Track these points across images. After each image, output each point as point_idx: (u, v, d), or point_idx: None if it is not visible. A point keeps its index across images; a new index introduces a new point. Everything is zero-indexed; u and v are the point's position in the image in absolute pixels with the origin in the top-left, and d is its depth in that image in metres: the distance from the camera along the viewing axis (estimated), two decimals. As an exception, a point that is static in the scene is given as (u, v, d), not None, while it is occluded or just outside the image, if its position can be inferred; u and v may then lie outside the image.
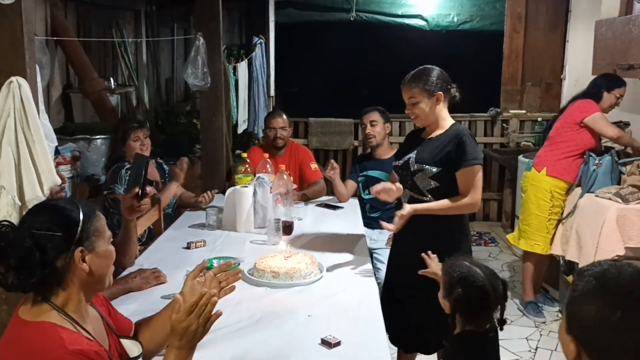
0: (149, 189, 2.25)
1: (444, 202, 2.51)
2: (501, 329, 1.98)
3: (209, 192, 3.53)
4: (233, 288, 1.68)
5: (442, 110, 2.59)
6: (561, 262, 3.85)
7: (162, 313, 1.68)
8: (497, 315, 1.96)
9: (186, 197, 3.64)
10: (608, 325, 1.12)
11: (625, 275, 1.18)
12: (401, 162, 2.63)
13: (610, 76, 3.83)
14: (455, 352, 1.95)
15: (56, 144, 2.09)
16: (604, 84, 3.81)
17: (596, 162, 3.66)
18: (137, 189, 2.19)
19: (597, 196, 3.52)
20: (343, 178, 3.93)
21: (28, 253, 1.32)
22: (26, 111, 1.81)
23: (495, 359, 1.99)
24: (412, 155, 2.58)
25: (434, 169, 2.51)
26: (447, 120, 2.61)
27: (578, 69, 5.28)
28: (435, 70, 2.57)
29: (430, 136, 2.61)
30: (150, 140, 3.50)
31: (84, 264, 1.39)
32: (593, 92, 3.82)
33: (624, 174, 3.63)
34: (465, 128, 2.66)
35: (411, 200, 2.58)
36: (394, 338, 2.75)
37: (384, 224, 2.56)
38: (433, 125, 2.61)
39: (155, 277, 2.35)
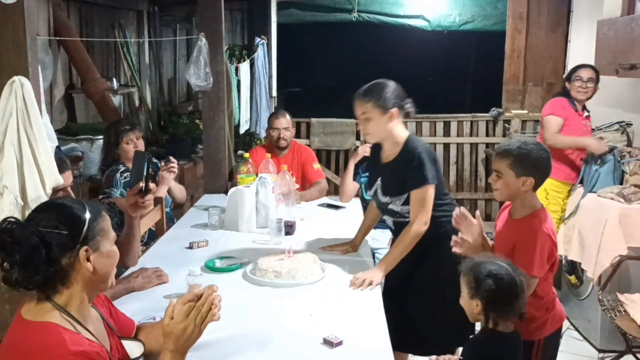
0: (152, 185, 2.26)
1: (399, 247, 2.44)
2: (521, 320, 1.99)
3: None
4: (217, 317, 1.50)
5: (396, 127, 2.48)
6: (563, 262, 3.85)
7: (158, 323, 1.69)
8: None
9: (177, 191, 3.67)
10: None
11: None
12: (372, 192, 2.63)
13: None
14: (487, 349, 1.96)
15: (56, 144, 2.09)
16: (564, 79, 4.13)
17: (598, 162, 3.66)
18: (140, 185, 2.20)
19: (599, 196, 3.52)
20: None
21: (34, 250, 1.32)
22: (28, 111, 1.81)
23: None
24: (378, 186, 2.58)
25: (403, 197, 2.49)
26: (401, 137, 2.50)
27: (580, 68, 5.27)
28: (390, 85, 2.47)
29: (388, 160, 2.54)
30: (143, 141, 3.51)
31: (89, 263, 1.39)
32: (562, 90, 4.11)
33: (626, 173, 3.62)
34: (420, 143, 2.49)
35: (396, 224, 2.60)
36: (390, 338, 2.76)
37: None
38: (388, 144, 2.54)
39: (157, 277, 2.35)
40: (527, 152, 2.15)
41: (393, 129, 2.47)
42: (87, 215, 1.41)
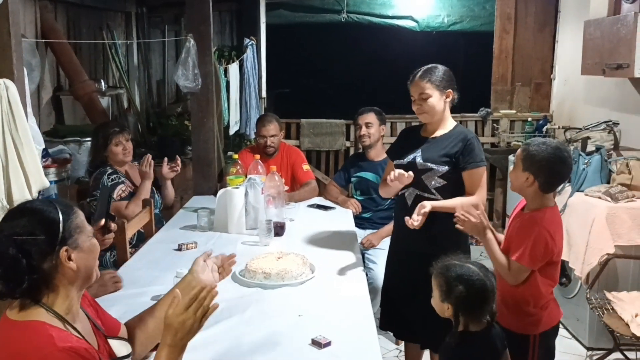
0: (112, 225, 2.26)
1: (459, 200, 2.52)
2: (492, 321, 2.00)
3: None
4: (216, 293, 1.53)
5: (447, 110, 2.64)
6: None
7: (155, 310, 1.68)
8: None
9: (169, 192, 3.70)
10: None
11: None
12: (405, 161, 2.64)
13: None
14: (457, 353, 1.96)
15: (43, 146, 2.08)
16: None
17: (586, 161, 3.68)
18: (101, 223, 2.19)
19: (586, 195, 3.54)
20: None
21: (14, 261, 1.30)
22: (14, 114, 1.80)
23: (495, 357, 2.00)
24: (418, 154, 2.61)
25: (443, 168, 2.55)
26: (450, 120, 2.67)
27: (567, 68, 5.31)
28: (445, 68, 2.62)
29: (434, 135, 2.64)
30: (132, 143, 3.50)
31: (71, 262, 1.38)
32: None
33: (613, 172, 3.65)
34: (470, 130, 2.72)
35: (417, 198, 2.59)
36: (400, 335, 2.79)
37: (407, 219, 2.49)
38: (435, 124, 2.64)
39: (113, 283, 2.29)
40: (537, 151, 2.21)
41: (445, 111, 2.63)
42: (60, 215, 1.38)
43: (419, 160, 2.59)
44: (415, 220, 2.46)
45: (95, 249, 1.47)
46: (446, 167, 2.56)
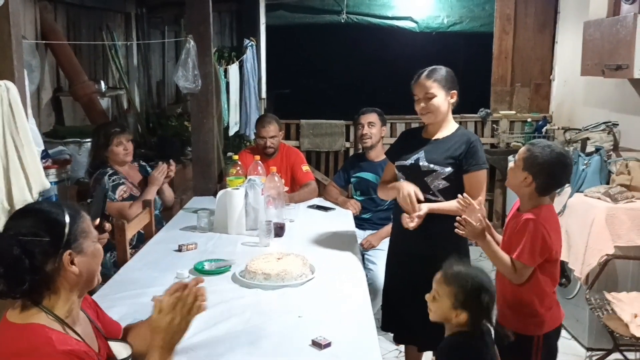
0: (107, 225, 2.26)
1: (450, 204, 2.53)
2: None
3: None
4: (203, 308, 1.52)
5: (449, 111, 2.65)
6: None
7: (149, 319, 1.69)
8: None
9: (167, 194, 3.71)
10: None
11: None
12: (408, 162, 2.64)
13: None
14: (456, 353, 1.96)
15: (42, 147, 2.08)
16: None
17: (585, 162, 3.69)
18: (96, 223, 2.19)
19: (586, 195, 3.55)
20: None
21: (17, 260, 1.30)
22: (14, 115, 1.80)
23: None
24: (421, 155, 2.61)
25: (447, 170, 2.55)
26: (452, 122, 2.67)
27: (567, 69, 5.31)
28: (448, 70, 2.63)
29: (436, 137, 2.64)
30: (132, 144, 3.50)
31: (73, 266, 1.38)
32: None
33: (612, 173, 3.66)
34: (472, 132, 2.77)
35: (418, 200, 2.59)
36: (399, 337, 2.79)
37: (404, 220, 2.52)
38: (437, 125, 2.64)
39: None
40: (541, 154, 2.22)
41: (449, 112, 2.64)
42: (67, 219, 1.38)
43: (422, 162, 2.60)
44: (411, 221, 2.48)
45: (99, 254, 1.47)
46: (450, 169, 2.56)
